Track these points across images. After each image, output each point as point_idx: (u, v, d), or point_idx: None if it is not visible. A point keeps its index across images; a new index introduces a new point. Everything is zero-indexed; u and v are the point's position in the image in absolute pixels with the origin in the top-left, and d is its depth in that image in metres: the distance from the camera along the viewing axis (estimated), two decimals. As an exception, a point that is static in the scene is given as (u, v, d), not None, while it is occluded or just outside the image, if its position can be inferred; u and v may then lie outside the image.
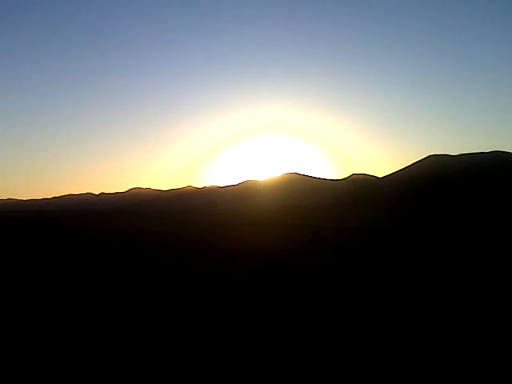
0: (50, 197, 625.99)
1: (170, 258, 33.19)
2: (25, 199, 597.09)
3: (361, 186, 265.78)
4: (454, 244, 43.14)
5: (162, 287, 20.51)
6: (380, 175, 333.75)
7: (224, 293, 18.95)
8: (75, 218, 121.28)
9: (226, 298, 17.89)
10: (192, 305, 16.61)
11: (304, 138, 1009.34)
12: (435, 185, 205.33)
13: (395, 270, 25.85)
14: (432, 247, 40.08)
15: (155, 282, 22.17)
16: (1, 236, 55.49)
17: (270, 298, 17.68)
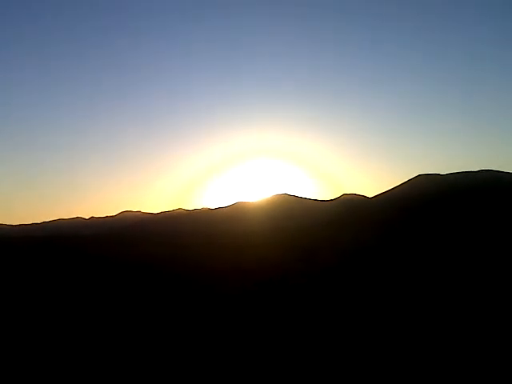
0: (39, 222, 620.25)
1: (163, 278, 33.06)
2: (14, 224, 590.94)
3: (351, 206, 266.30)
4: (445, 262, 43.36)
5: (155, 305, 20.44)
6: (370, 195, 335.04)
7: (215, 312, 18.92)
8: (74, 242, 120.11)
9: (217, 317, 17.87)
10: (186, 323, 16.59)
11: (294, 160, 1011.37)
12: (425, 204, 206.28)
13: (386, 289, 25.94)
14: (423, 266, 40.27)
15: (149, 300, 22.09)
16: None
17: (260, 317, 17.67)
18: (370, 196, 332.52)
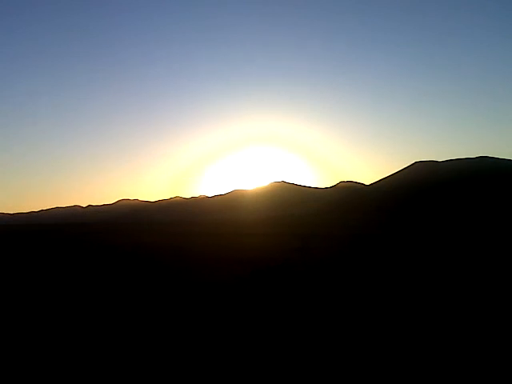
0: (37, 210, 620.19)
1: (160, 267, 32.89)
2: (11, 213, 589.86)
3: (348, 194, 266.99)
4: (443, 250, 43.29)
5: (152, 294, 20.28)
6: (367, 182, 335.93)
7: (212, 302, 18.75)
8: (68, 231, 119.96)
9: (213, 306, 17.69)
10: (181, 313, 16.41)
11: (291, 147, 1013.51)
12: (422, 191, 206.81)
13: (385, 277, 25.80)
14: (421, 253, 40.18)
15: (146, 289, 21.95)
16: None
17: (257, 307, 17.50)
18: (367, 183, 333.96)
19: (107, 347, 12.63)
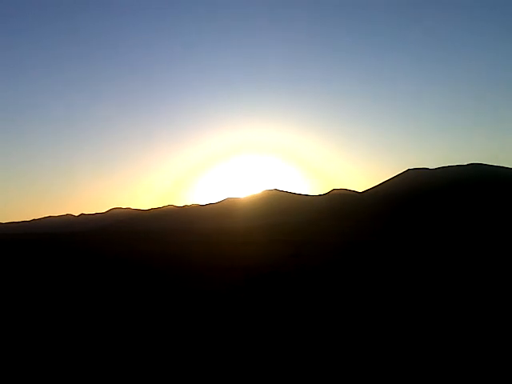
0: (29, 219, 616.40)
1: (154, 276, 32.75)
2: (3, 222, 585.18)
3: (341, 201, 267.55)
4: (436, 256, 43.47)
5: (145, 302, 20.18)
6: (360, 190, 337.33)
7: (206, 310, 18.70)
8: (62, 240, 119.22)
9: (207, 315, 17.64)
10: (176, 320, 16.35)
11: (284, 155, 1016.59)
12: (415, 198, 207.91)
13: (379, 284, 25.86)
14: (414, 260, 40.32)
15: (139, 297, 21.83)
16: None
17: (251, 315, 17.46)
18: (360, 191, 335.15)
19: (101, 356, 12.55)
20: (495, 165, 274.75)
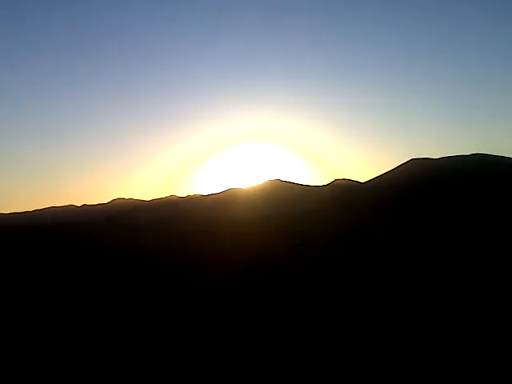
0: (31, 209, 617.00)
1: (157, 267, 32.80)
2: (6, 212, 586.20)
3: (344, 191, 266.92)
4: (440, 247, 43.37)
5: (148, 293, 20.17)
6: (362, 180, 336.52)
7: (210, 301, 18.68)
8: (68, 230, 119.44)
9: (211, 306, 17.63)
10: (177, 311, 16.34)
11: (286, 145, 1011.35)
12: (418, 188, 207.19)
13: (381, 275, 25.80)
14: (417, 251, 40.23)
15: (141, 288, 21.83)
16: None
17: (255, 306, 17.44)
18: (362, 181, 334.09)
19: (105, 348, 12.53)
20: (499, 155, 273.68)
